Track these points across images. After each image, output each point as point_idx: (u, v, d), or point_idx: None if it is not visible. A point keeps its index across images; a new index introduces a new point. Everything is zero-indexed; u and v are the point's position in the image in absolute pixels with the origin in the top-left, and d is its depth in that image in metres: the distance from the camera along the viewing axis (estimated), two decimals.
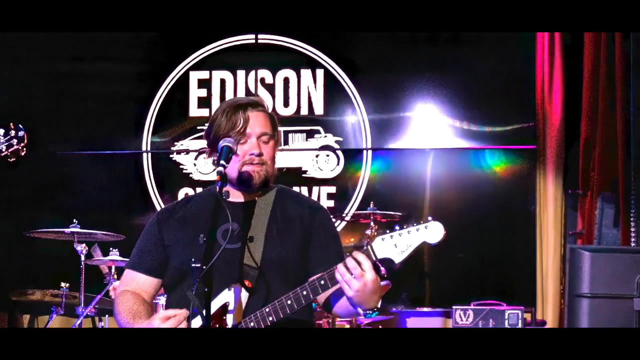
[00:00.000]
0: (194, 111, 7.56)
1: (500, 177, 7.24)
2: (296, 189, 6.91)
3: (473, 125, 7.24)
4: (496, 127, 7.22)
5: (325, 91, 7.43)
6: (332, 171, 7.39)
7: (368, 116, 7.36)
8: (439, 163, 7.28)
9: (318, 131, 7.41)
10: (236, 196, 3.29)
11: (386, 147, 7.37)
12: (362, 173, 7.36)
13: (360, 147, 7.37)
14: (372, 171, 7.35)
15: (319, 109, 7.43)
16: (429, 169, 7.29)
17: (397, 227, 3.00)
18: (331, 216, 3.49)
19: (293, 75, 7.48)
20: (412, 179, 7.29)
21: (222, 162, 3.09)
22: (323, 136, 7.40)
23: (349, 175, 7.39)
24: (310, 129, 7.42)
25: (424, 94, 7.31)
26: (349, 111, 7.40)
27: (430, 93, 7.30)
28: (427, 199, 7.25)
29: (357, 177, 7.37)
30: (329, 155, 7.39)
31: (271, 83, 7.49)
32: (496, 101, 7.18)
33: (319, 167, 7.40)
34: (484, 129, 7.23)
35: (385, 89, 7.37)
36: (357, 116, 7.38)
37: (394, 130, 7.36)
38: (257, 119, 3.26)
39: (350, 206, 7.31)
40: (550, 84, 7.02)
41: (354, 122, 7.39)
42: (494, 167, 7.24)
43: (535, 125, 7.10)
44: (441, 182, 7.25)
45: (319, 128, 7.42)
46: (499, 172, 7.24)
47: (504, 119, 7.20)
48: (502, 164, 7.23)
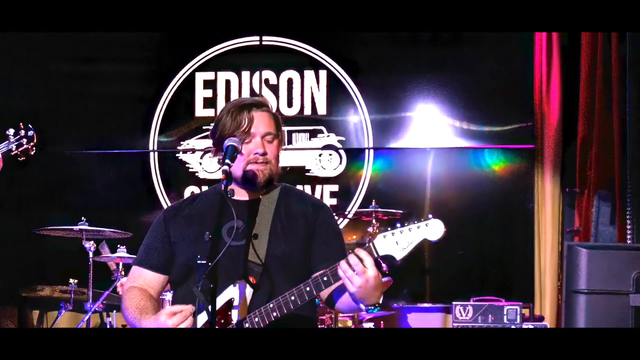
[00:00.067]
0: (200, 111, 7.58)
1: (499, 176, 7.24)
2: (300, 187, 6.94)
3: (473, 125, 7.25)
4: (495, 127, 7.23)
5: (328, 92, 7.45)
6: (334, 170, 7.41)
7: (370, 116, 7.37)
8: (439, 162, 7.29)
9: (321, 131, 7.43)
10: (241, 194, 3.31)
11: (387, 147, 7.38)
12: (364, 172, 7.38)
13: (362, 147, 7.38)
14: (373, 170, 7.36)
15: (322, 109, 7.45)
16: (429, 167, 7.31)
17: (398, 225, 3.01)
18: (334, 214, 3.49)
19: (297, 76, 7.50)
20: (413, 177, 7.31)
21: (227, 161, 3.09)
22: (326, 136, 7.42)
23: (351, 174, 7.41)
24: (314, 129, 7.43)
25: (425, 94, 7.33)
26: (351, 111, 7.42)
27: (431, 93, 7.31)
28: (428, 197, 7.26)
29: (359, 175, 7.38)
30: (331, 155, 7.41)
31: (275, 84, 7.50)
32: (495, 101, 7.18)
33: (322, 166, 7.41)
34: (483, 129, 7.23)
35: (387, 90, 7.38)
36: (359, 116, 7.39)
37: (395, 130, 7.38)
38: (261, 118, 3.27)
39: (353, 204, 7.32)
40: (548, 84, 7.03)
41: (356, 122, 7.41)
42: (493, 166, 7.24)
43: (533, 125, 7.11)
44: (441, 180, 7.26)
45: (322, 128, 7.43)
46: (498, 170, 7.24)
47: (502, 118, 7.21)
48: (501, 163, 7.24)
